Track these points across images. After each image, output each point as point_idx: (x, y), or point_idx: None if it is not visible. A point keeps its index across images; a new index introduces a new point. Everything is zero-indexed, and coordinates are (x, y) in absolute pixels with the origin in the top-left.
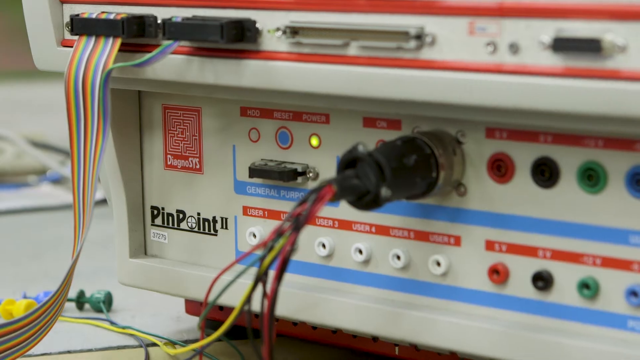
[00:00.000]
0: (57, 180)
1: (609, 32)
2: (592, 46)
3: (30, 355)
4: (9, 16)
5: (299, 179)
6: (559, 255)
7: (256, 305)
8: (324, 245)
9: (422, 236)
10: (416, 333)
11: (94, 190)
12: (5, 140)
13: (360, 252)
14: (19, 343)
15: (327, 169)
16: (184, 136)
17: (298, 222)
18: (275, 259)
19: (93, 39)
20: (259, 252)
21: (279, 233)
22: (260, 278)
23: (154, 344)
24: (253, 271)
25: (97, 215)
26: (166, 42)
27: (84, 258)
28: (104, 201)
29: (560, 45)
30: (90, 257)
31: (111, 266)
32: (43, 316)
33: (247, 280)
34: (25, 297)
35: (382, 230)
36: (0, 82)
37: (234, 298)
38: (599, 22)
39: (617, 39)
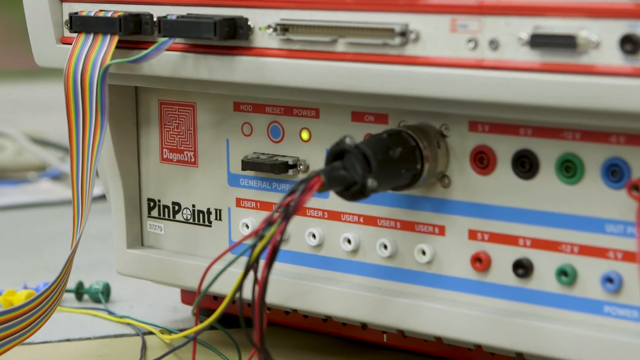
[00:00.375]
0: (57, 177)
1: (583, 29)
2: (567, 42)
3: (30, 343)
4: (8, 16)
5: (290, 172)
6: (538, 244)
7: (248, 293)
8: (314, 236)
9: (407, 226)
10: (402, 319)
11: (92, 182)
12: (6, 137)
13: (349, 241)
14: (19, 330)
15: (317, 162)
16: (180, 130)
17: (287, 211)
18: (266, 247)
19: (91, 36)
20: (250, 241)
21: (269, 222)
22: (252, 266)
23: (151, 333)
24: (245, 260)
25: (96, 210)
26: (161, 39)
27: (84, 252)
28: (103, 197)
29: (538, 41)
30: (89, 251)
31: (109, 259)
32: (42, 304)
33: (239, 269)
34: (25, 287)
35: (370, 221)
36: (0, 82)
37: (226, 286)
38: (574, 20)
39: (592, 35)
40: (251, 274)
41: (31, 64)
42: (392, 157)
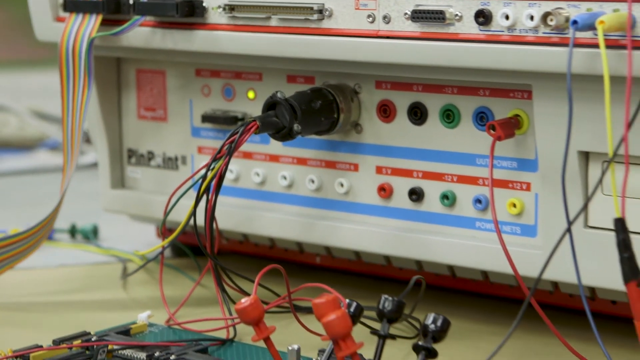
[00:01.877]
0: (54, 147)
1: (450, 6)
2: (438, 16)
3: (33, 268)
4: (10, 11)
5: (240, 124)
6: (427, 175)
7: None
8: (258, 174)
9: (330, 164)
10: (327, 238)
11: (81, 132)
12: (10, 112)
13: (285, 178)
14: (13, 255)
15: None
16: (153, 93)
17: (230, 147)
18: (214, 177)
19: (81, 15)
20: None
21: (216, 157)
22: (204, 191)
23: (130, 260)
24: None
25: (89, 174)
26: (135, 17)
27: (78, 204)
28: (95, 165)
29: (417, 16)
30: (82, 204)
31: (98, 209)
32: (36, 234)
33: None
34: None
35: (301, 161)
36: (4, 69)
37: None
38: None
39: (455, 11)
40: (204, 197)
41: (31, 54)
42: (314, 107)
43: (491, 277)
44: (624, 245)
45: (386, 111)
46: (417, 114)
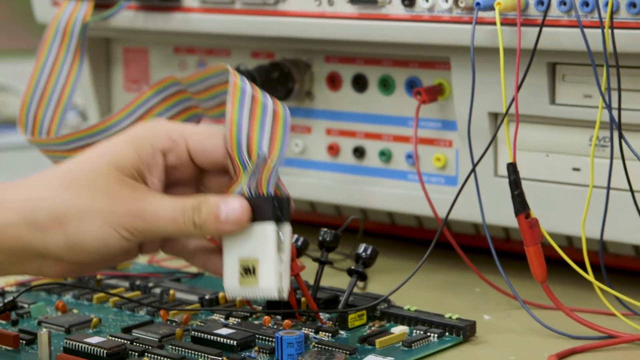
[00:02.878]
0: None
1: None
2: (372, 0)
3: None
4: (11, 3)
5: None
6: (368, 136)
7: None
8: None
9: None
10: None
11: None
12: (12, 92)
13: None
14: None
15: None
16: (137, 69)
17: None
18: None
19: (75, 1)
20: None
21: None
22: None
23: None
24: None
25: None
26: (122, 2)
27: None
28: None
29: (355, 0)
30: None
31: None
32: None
33: None
34: None
35: None
36: (6, 58)
37: None
38: None
39: None
40: None
41: (30, 44)
42: (272, 78)
43: (423, 222)
44: (514, 184)
45: (334, 81)
46: (359, 83)
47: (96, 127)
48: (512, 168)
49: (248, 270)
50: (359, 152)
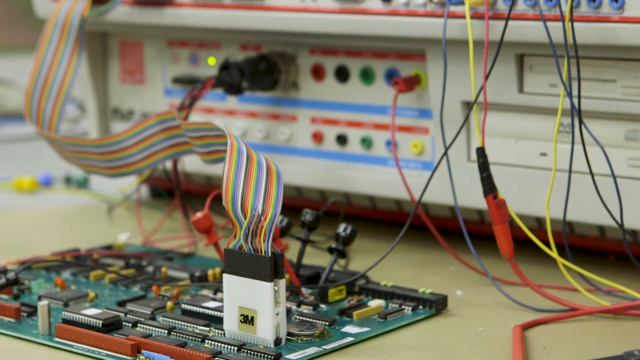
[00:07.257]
0: None
1: None
2: None
3: (33, 208)
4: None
5: (199, 82)
6: (350, 124)
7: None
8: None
9: (275, 117)
10: None
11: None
12: (13, 86)
13: (239, 128)
14: None
15: None
16: (133, 61)
17: (192, 100)
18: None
19: None
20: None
21: (180, 107)
22: None
23: (116, 204)
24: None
25: None
26: None
27: None
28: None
29: None
30: None
31: None
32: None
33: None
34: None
35: (252, 114)
36: (6, 54)
37: None
38: None
39: None
40: None
41: (31, 40)
42: (259, 69)
43: (403, 206)
44: (483, 167)
45: (318, 72)
46: (342, 74)
47: (102, 140)
48: (481, 152)
49: (247, 319)
50: (342, 140)
